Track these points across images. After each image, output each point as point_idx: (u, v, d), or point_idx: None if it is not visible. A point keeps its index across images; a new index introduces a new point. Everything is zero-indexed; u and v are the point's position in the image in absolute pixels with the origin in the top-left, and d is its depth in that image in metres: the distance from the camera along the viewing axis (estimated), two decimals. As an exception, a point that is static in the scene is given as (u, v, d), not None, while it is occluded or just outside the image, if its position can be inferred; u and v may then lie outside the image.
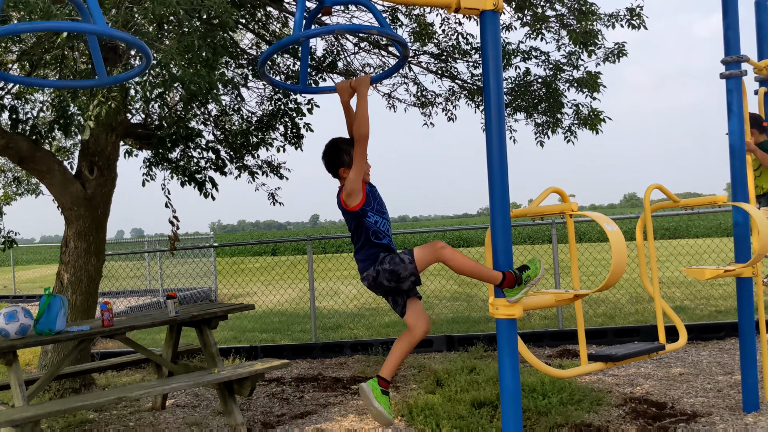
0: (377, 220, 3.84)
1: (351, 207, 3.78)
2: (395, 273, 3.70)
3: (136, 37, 2.93)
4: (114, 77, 3.36)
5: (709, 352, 7.47)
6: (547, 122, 7.60)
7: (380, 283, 3.75)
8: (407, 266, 3.68)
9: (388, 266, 3.71)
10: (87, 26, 2.74)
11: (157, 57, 4.93)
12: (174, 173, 8.07)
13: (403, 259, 3.70)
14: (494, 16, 3.83)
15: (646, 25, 6.75)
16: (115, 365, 6.81)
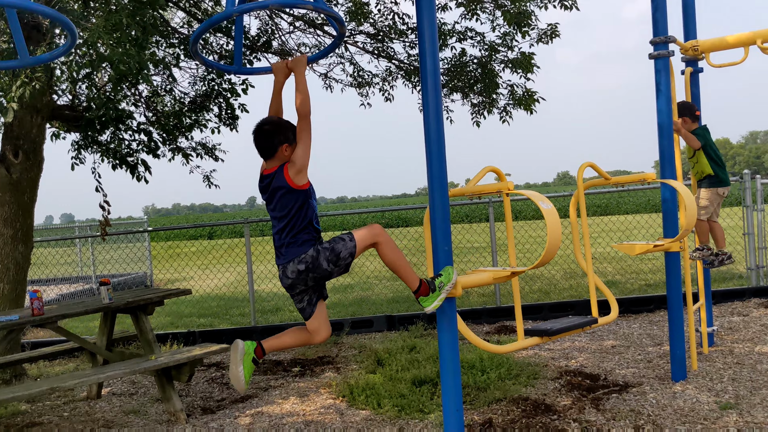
0: (315, 206, 3.78)
1: (300, 185, 3.61)
2: (336, 252, 3.61)
3: (60, 14, 2.81)
4: (37, 57, 3.22)
5: (639, 325, 7.73)
6: (483, 102, 7.68)
7: (318, 265, 3.62)
8: (347, 245, 3.63)
9: (328, 245, 3.63)
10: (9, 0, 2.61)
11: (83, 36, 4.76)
12: (104, 156, 7.83)
13: (344, 238, 3.65)
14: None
15: (578, 6, 6.87)
16: (47, 355, 6.61)
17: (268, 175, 3.72)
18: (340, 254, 3.63)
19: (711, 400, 4.94)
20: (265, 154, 3.73)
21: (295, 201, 3.65)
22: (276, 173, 3.67)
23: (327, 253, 3.63)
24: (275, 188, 3.68)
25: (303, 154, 3.60)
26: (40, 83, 5.21)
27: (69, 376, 5.30)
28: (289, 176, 3.63)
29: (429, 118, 3.80)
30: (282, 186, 3.65)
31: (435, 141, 3.78)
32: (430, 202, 3.79)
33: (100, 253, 16.45)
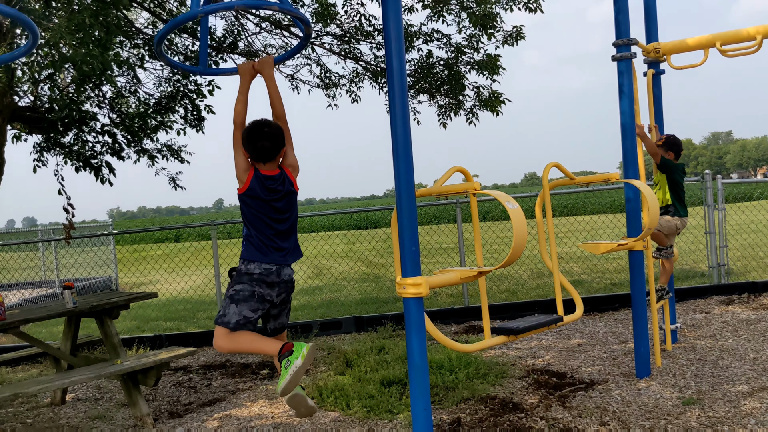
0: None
1: (298, 188, 3.73)
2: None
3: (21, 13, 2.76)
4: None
5: (605, 323, 7.83)
6: (450, 104, 7.72)
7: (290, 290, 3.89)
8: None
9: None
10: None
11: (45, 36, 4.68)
12: (67, 158, 7.72)
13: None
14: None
15: (542, 9, 6.94)
16: (9, 360, 6.49)
17: (273, 177, 3.66)
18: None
19: (674, 396, 5.03)
20: (269, 156, 3.66)
21: (293, 203, 3.75)
22: (282, 176, 3.67)
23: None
24: (288, 191, 3.70)
25: (295, 157, 3.68)
26: (0, 84, 5.11)
27: (32, 382, 5.21)
28: (294, 180, 3.72)
29: (396, 119, 3.80)
30: (291, 189, 3.72)
31: (402, 142, 3.79)
32: (397, 203, 3.80)
33: (64, 257, 16.16)
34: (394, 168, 3.81)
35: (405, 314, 3.85)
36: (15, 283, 15.48)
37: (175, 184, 8.42)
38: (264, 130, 3.63)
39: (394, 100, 3.81)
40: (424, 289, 3.80)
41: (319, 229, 32.12)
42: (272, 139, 3.63)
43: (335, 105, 8.71)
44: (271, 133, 3.64)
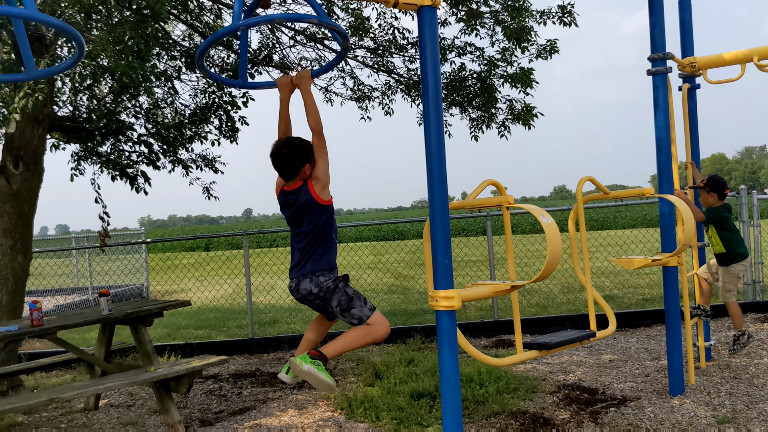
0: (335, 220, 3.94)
1: (326, 200, 3.79)
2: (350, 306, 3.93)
3: (70, 26, 2.83)
4: (44, 70, 3.25)
5: (637, 339, 7.74)
6: (482, 117, 7.73)
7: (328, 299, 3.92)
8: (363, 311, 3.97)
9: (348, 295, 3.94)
10: (16, 10, 2.62)
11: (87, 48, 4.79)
12: (104, 167, 7.85)
13: (366, 304, 3.98)
14: (432, 12, 3.87)
15: (576, 23, 6.93)
16: (45, 366, 6.59)
17: (292, 192, 3.80)
18: (352, 311, 3.87)
19: (708, 414, 4.95)
20: (288, 175, 3.82)
21: (320, 216, 3.80)
22: (301, 190, 3.77)
23: (344, 298, 3.85)
24: (303, 204, 3.79)
25: (326, 170, 3.74)
26: (42, 95, 5.24)
27: (67, 387, 5.30)
28: (316, 192, 3.76)
29: (430, 131, 3.82)
30: (309, 202, 3.77)
31: (435, 155, 3.81)
32: (430, 216, 3.82)
33: (98, 264, 16.43)
34: (428, 181, 3.83)
35: (437, 327, 3.86)
36: (49, 289, 15.75)
37: (208, 193, 8.52)
38: (280, 151, 3.78)
39: (428, 113, 3.83)
40: (456, 302, 3.80)
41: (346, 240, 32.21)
42: (286, 160, 3.76)
43: (368, 117, 8.77)
44: (287, 154, 3.77)
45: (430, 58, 3.83)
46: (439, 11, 7.45)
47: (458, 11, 7.13)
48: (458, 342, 3.93)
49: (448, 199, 3.98)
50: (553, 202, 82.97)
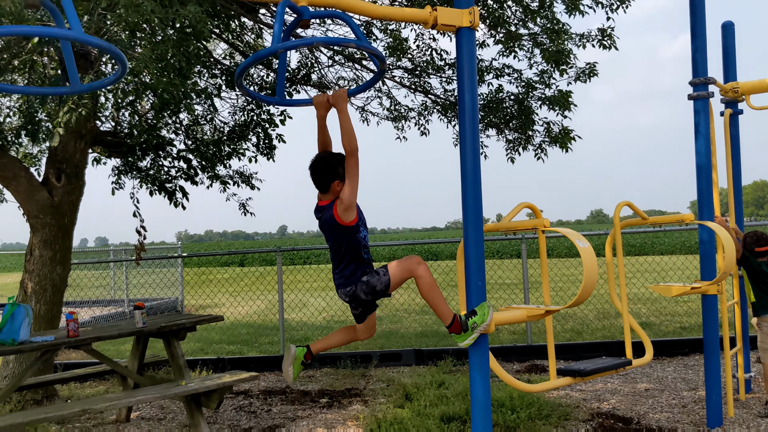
0: (365, 235, 3.96)
1: (347, 222, 3.80)
2: (371, 286, 3.84)
3: (112, 45, 2.90)
4: (88, 85, 3.32)
5: (674, 368, 7.57)
6: (518, 139, 7.69)
7: (357, 296, 3.90)
8: (381, 279, 3.82)
9: (365, 278, 3.86)
10: (63, 32, 2.70)
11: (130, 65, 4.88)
12: (143, 182, 7.98)
13: (379, 272, 3.84)
14: (470, 34, 3.87)
15: (616, 46, 6.87)
16: (79, 377, 6.67)
17: (322, 207, 3.92)
18: (375, 287, 3.86)
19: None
20: (320, 188, 3.92)
21: (342, 236, 3.84)
22: (327, 207, 3.85)
23: (363, 286, 3.87)
24: (326, 221, 3.87)
25: (350, 193, 3.74)
26: (86, 110, 5.35)
27: (100, 399, 5.35)
28: (338, 213, 3.79)
29: (466, 153, 3.81)
30: (331, 221, 3.83)
31: (471, 176, 3.79)
32: (464, 238, 3.79)
33: (134, 277, 16.64)
34: (463, 203, 3.81)
35: (469, 351, 3.82)
36: (86, 300, 16.00)
37: (245, 209, 8.59)
38: (316, 165, 3.89)
39: (465, 134, 3.82)
40: (489, 325, 3.76)
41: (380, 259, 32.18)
42: (319, 174, 3.87)
43: (404, 137, 8.79)
44: (320, 168, 3.87)
45: (468, 79, 3.82)
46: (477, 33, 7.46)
47: (497, 33, 7.13)
48: (490, 366, 3.88)
49: (483, 221, 3.96)
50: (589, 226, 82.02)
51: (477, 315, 3.69)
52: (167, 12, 5.08)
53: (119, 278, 16.60)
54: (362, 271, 3.89)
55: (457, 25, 3.84)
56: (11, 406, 6.77)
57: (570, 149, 7.47)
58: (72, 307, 14.27)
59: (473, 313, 3.70)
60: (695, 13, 5.45)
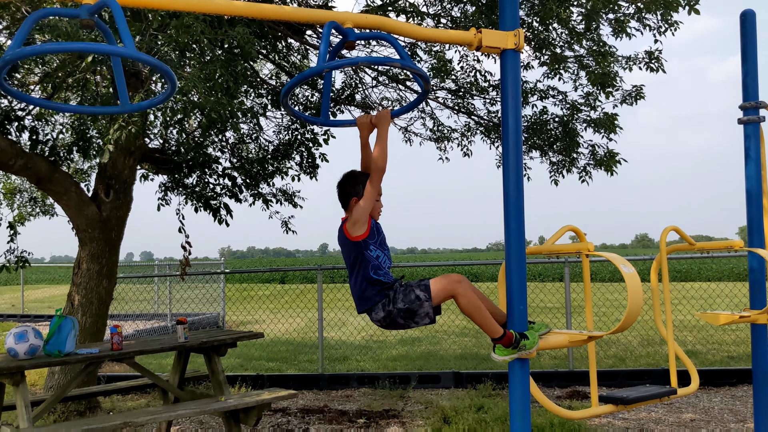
0: (379, 255, 3.72)
1: (354, 236, 3.64)
2: (410, 311, 3.55)
3: (163, 63, 2.97)
4: (138, 104, 3.40)
5: (721, 399, 7.36)
6: (563, 161, 7.61)
7: (394, 321, 3.60)
8: (423, 304, 3.54)
9: (402, 305, 3.55)
10: (116, 48, 2.77)
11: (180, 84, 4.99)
12: (189, 199, 8.12)
13: (420, 297, 3.54)
14: (515, 56, 3.85)
15: (664, 69, 6.78)
16: (121, 389, 6.77)
17: (342, 222, 3.80)
18: (417, 313, 3.56)
19: (800, 486, 4.63)
20: (342, 204, 3.83)
21: (351, 252, 3.67)
22: (342, 225, 3.74)
23: (402, 313, 3.57)
24: (338, 236, 3.76)
25: (364, 207, 3.62)
26: (135, 127, 5.48)
27: (141, 412, 5.42)
28: (346, 227, 3.67)
29: (509, 176, 3.77)
30: (341, 234, 3.72)
31: (513, 198, 3.75)
32: (506, 260, 3.75)
33: (177, 291, 16.87)
34: (505, 225, 3.77)
35: (509, 375, 3.76)
36: (130, 314, 16.27)
37: (287, 227, 8.67)
38: (340, 181, 3.83)
39: (508, 157, 3.78)
40: (531, 352, 3.70)
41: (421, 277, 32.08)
42: (339, 189, 3.81)
43: (446, 158, 8.79)
44: (341, 184, 3.81)
45: (512, 101, 3.80)
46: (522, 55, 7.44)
47: (542, 55, 7.10)
48: (531, 391, 3.82)
49: (525, 244, 3.91)
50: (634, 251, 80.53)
51: (529, 340, 3.58)
52: (216, 33, 5.19)
53: (163, 293, 16.86)
54: (374, 291, 3.62)
55: (501, 47, 3.82)
56: (55, 417, 6.90)
57: (615, 173, 7.37)
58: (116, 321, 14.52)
59: (525, 336, 3.58)
60: (746, 36, 5.34)
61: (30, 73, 7.95)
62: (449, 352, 11.00)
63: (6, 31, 6.89)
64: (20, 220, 10.27)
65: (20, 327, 5.22)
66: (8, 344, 5.12)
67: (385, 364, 10.03)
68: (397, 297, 3.60)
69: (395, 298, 3.61)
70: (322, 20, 3.60)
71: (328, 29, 3.52)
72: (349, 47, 3.74)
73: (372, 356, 10.79)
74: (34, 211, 10.79)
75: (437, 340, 12.59)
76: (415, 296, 3.56)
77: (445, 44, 7.12)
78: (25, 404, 5.02)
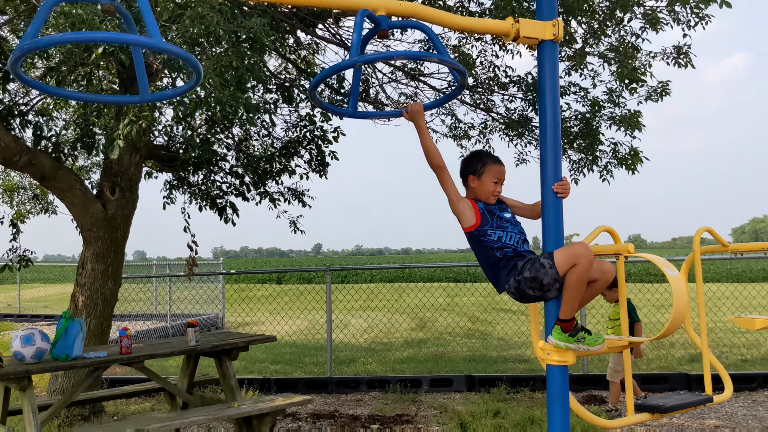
0: (501, 236, 3.57)
1: (465, 227, 3.61)
2: (537, 280, 3.38)
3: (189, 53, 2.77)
4: (160, 94, 3.20)
5: (741, 404, 7.19)
6: (584, 159, 7.42)
7: (524, 293, 3.45)
8: (548, 272, 3.35)
9: (529, 274, 3.40)
10: (144, 39, 2.57)
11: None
12: (194, 197, 7.90)
13: (543, 264, 3.37)
14: (553, 47, 3.67)
15: (693, 64, 6.58)
16: (128, 393, 6.55)
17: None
18: (543, 282, 3.38)
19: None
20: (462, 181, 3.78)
21: (470, 242, 3.66)
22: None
23: (529, 282, 3.41)
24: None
25: (450, 197, 3.58)
26: (146, 122, 5.26)
27: (153, 419, 5.21)
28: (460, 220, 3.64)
29: (546, 173, 3.58)
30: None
31: (551, 198, 3.57)
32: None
33: (174, 292, 16.59)
34: (543, 226, 3.59)
35: (548, 383, 3.57)
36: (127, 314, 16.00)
37: (295, 227, 8.46)
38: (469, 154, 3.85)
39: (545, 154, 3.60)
40: (570, 356, 3.51)
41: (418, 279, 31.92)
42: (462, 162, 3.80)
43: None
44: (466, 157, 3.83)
45: (550, 95, 3.62)
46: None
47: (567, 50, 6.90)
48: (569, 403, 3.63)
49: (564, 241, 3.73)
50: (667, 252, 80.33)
51: (591, 335, 3.41)
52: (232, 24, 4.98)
53: (161, 293, 16.59)
54: (510, 268, 3.50)
55: (540, 38, 3.64)
56: (59, 421, 6.67)
57: (637, 171, 7.18)
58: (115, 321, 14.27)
59: (589, 333, 3.42)
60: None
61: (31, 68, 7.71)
62: (457, 354, 10.80)
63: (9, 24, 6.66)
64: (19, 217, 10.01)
65: (27, 329, 5.01)
66: (14, 347, 4.91)
67: (393, 366, 9.82)
68: (525, 267, 3.46)
69: (523, 268, 3.46)
70: (354, 7, 3.41)
71: (361, 17, 3.31)
72: (382, 36, 3.55)
73: (379, 358, 10.58)
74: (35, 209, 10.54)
75: (443, 341, 12.38)
76: (540, 264, 3.38)
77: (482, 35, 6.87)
78: (32, 410, 4.81)
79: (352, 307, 16.71)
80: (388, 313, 16.80)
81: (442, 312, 16.83)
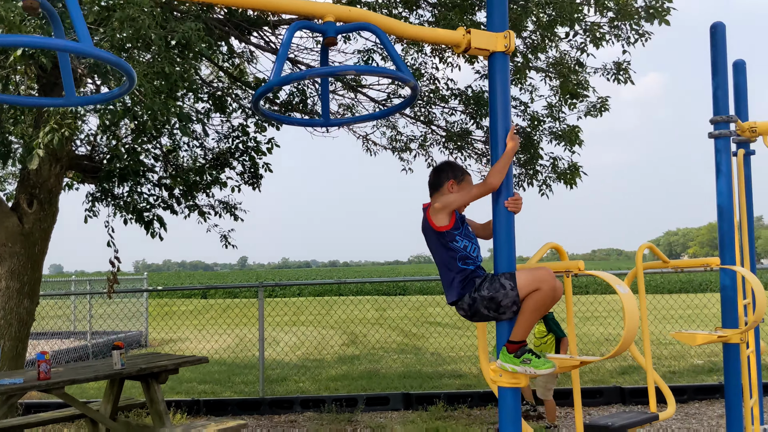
0: (466, 245, 3.47)
1: (438, 226, 3.43)
2: (494, 300, 3.27)
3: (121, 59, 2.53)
4: (87, 98, 2.93)
5: (675, 417, 7.27)
6: (525, 173, 7.40)
7: (477, 311, 3.34)
8: (508, 293, 3.24)
9: (487, 293, 3.28)
10: (73, 45, 2.31)
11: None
12: (118, 210, 7.49)
13: (504, 285, 3.25)
14: (504, 59, 3.59)
15: (632, 80, 6.66)
16: (46, 421, 6.09)
17: (424, 210, 3.54)
18: (501, 303, 3.27)
19: None
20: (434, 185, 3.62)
21: (434, 242, 3.48)
22: (425, 209, 3.51)
23: (486, 301, 3.29)
24: (422, 226, 3.53)
25: (455, 197, 3.44)
26: (69, 130, 4.91)
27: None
28: (431, 214, 3.45)
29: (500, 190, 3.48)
30: (424, 224, 3.50)
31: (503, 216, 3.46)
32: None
33: (94, 307, 15.84)
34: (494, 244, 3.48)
35: (500, 405, 3.44)
36: (44, 332, 15.18)
37: (226, 241, 8.13)
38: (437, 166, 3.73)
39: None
40: (523, 379, 3.40)
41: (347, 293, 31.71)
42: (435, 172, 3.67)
43: (410, 169, 8.45)
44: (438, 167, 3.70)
45: (501, 108, 3.53)
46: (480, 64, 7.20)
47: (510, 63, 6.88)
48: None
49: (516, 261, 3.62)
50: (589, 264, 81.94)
51: (539, 358, 3.28)
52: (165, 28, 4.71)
53: (80, 309, 15.81)
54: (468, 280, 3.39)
55: (491, 50, 3.55)
56: (-33, 454, 6.14)
57: (575, 186, 7.21)
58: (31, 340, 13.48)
59: (536, 356, 3.30)
60: (716, 48, 5.24)
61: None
62: (391, 370, 10.63)
63: None
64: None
65: (-69, 356, 4.56)
66: None
67: (327, 384, 9.57)
68: (483, 285, 3.33)
69: (481, 286, 3.33)
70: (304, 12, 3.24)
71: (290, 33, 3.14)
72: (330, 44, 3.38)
73: (311, 376, 10.31)
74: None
75: (377, 357, 12.19)
76: (500, 284, 3.26)
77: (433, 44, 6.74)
78: (-63, 446, 4.37)
79: (282, 321, 16.33)
80: (318, 327, 16.51)
81: (374, 325, 16.64)
